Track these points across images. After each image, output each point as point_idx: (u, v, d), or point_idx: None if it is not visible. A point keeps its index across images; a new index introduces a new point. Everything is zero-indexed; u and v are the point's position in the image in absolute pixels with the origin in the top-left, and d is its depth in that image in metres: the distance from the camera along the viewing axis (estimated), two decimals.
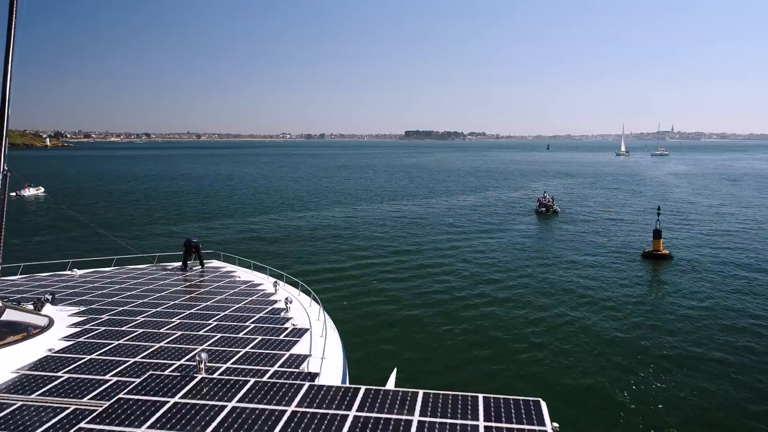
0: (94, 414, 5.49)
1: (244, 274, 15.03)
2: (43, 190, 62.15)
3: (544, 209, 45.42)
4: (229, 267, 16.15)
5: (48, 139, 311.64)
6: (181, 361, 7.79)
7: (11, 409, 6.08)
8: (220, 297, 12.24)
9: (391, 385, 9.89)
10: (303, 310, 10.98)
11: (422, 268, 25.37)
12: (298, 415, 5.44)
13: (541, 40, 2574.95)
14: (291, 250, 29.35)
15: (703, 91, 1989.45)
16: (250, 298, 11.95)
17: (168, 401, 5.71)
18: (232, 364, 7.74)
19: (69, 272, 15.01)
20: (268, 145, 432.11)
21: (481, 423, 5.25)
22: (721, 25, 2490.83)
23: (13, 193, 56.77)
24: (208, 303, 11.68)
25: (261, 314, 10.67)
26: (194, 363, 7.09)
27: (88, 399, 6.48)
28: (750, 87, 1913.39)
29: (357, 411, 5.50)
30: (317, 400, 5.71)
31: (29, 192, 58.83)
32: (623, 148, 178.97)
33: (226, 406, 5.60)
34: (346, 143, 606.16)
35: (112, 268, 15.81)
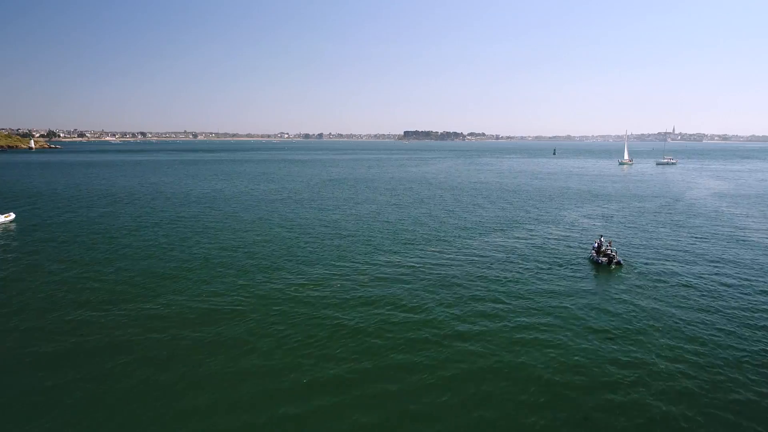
0: None
1: None
2: (13, 216, 50.27)
3: (605, 260, 34.45)
4: None
5: (32, 141, 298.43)
6: None
7: None
8: None
9: None
10: None
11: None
12: None
13: (540, 38, 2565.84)
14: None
15: (704, 91, 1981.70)
16: None
17: None
18: None
19: None
20: (264, 147, 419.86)
21: None
22: (722, 26, 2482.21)
23: None
24: None
25: None
26: None
27: None
28: (751, 88, 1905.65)
29: None
30: None
31: None
32: (626, 156, 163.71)
33: None
34: (344, 144, 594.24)
35: None
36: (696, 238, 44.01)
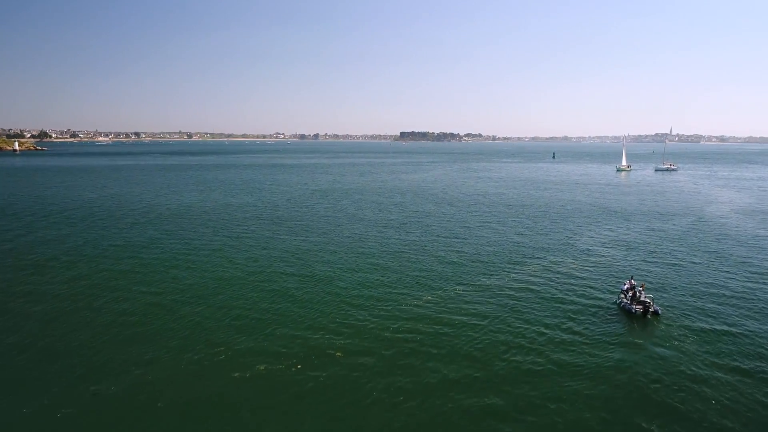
0: None
1: None
2: None
3: (639, 308, 27.83)
4: None
5: (17, 143, 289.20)
6: None
7: None
8: None
9: None
10: None
11: None
12: None
13: (537, 38, 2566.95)
14: None
15: (702, 92, 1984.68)
16: None
17: None
18: None
19: None
20: (258, 149, 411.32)
21: None
22: (720, 26, 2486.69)
23: None
24: None
25: None
26: None
27: None
28: (749, 88, 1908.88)
29: None
30: None
31: None
32: (624, 162, 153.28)
33: None
34: (339, 145, 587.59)
35: None
36: (744, 277, 36.44)
